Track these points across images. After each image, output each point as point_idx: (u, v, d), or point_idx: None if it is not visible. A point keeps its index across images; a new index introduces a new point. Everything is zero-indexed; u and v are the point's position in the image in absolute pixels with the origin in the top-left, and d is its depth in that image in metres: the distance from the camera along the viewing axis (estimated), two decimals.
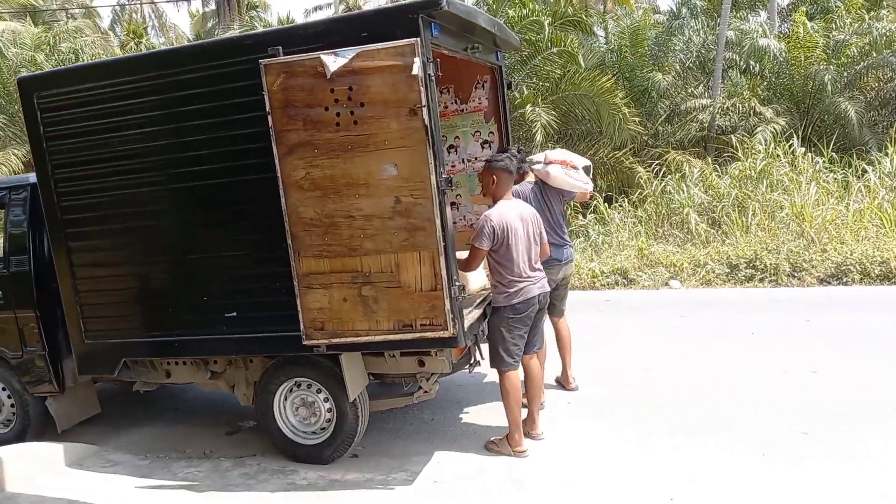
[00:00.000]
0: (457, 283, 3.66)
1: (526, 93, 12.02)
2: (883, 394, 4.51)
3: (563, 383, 5.13)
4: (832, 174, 10.40)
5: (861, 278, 7.50)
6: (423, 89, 3.43)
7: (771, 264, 7.87)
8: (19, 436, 4.77)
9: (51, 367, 4.54)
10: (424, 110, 3.45)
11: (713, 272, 8.15)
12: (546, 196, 4.73)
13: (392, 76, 3.46)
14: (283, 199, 3.68)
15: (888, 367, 4.98)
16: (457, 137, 5.32)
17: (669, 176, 11.31)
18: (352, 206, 3.62)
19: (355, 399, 4.07)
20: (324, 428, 4.21)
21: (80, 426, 4.92)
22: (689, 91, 15.48)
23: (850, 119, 11.46)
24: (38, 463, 4.17)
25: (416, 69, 3.42)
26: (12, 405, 4.80)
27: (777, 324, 6.32)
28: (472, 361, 4.57)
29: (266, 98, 3.58)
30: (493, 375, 4.34)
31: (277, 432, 4.27)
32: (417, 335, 3.69)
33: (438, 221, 3.54)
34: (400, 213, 3.58)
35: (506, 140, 5.15)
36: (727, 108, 14.09)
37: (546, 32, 12.45)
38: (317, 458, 4.20)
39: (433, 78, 3.53)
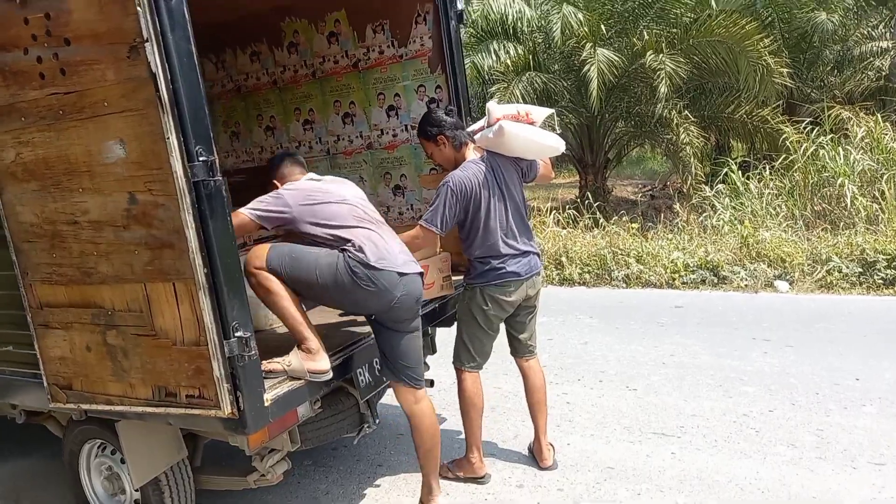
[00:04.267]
0: (239, 334, 2.24)
1: (647, 38, 9.88)
2: None
3: (536, 456, 3.51)
4: None
5: None
6: (144, 11, 2.01)
7: None
8: None
9: None
10: (149, 47, 2.03)
11: (837, 272, 5.87)
12: (503, 175, 3.09)
13: None
14: None
15: None
16: (396, 95, 3.79)
17: (823, 137, 8.69)
18: (75, 206, 2.31)
19: (160, 481, 2.82)
20: None
21: None
22: (865, 32, 12.29)
23: None
24: None
25: None
26: None
27: None
28: (362, 425, 3.16)
29: None
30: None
31: None
32: (183, 411, 2.35)
33: (192, 234, 2.13)
34: (137, 219, 2.22)
35: (456, 98, 3.55)
36: None
37: None
38: None
39: None
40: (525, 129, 3.01)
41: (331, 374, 2.62)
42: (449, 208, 2.97)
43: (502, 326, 3.33)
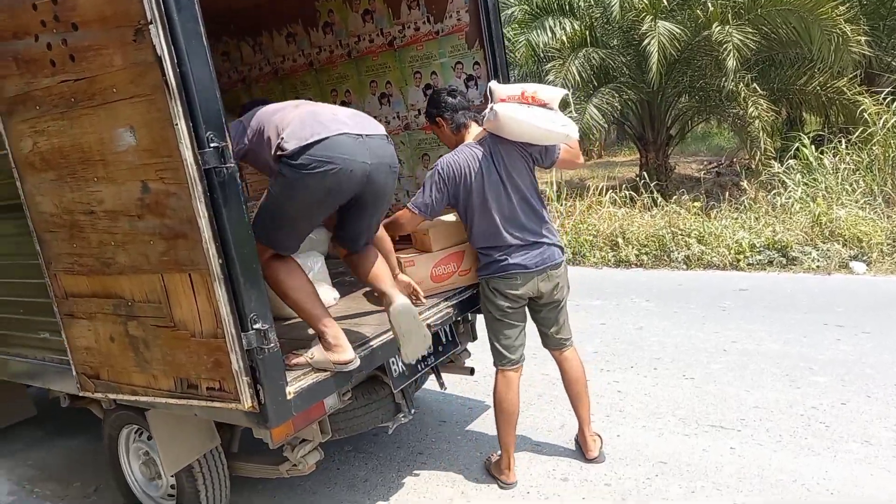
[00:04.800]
0: (257, 326, 2.15)
1: (711, 9, 9.35)
2: None
3: (581, 447, 3.34)
4: None
5: None
6: None
7: None
8: None
9: None
10: (154, 29, 1.93)
11: None
12: (503, 161, 2.89)
13: None
14: (19, 185, 2.45)
15: None
16: (433, 73, 3.63)
17: None
18: (91, 195, 2.26)
19: (194, 468, 2.80)
20: (171, 495, 3.02)
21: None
22: None
23: None
24: None
25: None
26: None
27: None
28: (397, 414, 3.06)
29: None
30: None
31: (126, 489, 3.17)
32: (205, 403, 2.29)
33: (205, 224, 2.04)
34: (150, 208, 2.15)
35: (495, 73, 3.36)
36: None
37: None
38: None
39: None
40: (524, 113, 2.75)
41: (357, 363, 2.48)
42: (436, 192, 2.87)
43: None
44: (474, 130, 2.98)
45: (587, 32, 10.39)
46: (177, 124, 1.98)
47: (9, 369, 3.23)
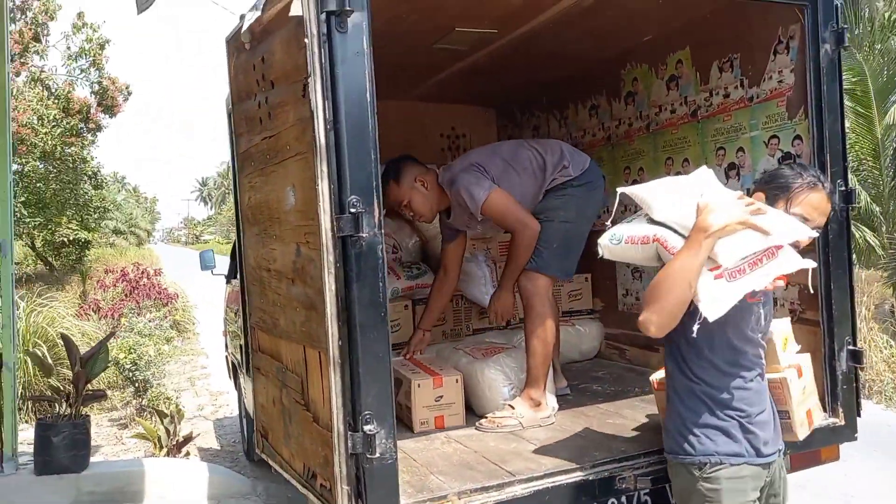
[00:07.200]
0: (368, 429, 1.78)
1: None
2: None
3: None
4: None
5: None
6: (311, 43, 1.78)
7: None
8: None
9: None
10: (311, 83, 1.79)
11: None
12: None
13: (286, 28, 1.94)
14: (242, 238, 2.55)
15: None
16: (740, 150, 2.81)
17: None
18: (271, 253, 2.23)
19: None
20: None
21: None
22: None
23: None
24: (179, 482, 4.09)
25: (297, 7, 1.81)
26: None
27: None
28: None
29: (230, 91, 2.53)
30: None
31: None
32: (318, 499, 2.00)
33: (330, 297, 1.79)
34: (298, 273, 2.00)
35: (820, 151, 2.42)
36: None
37: None
38: None
39: (345, 25, 1.78)
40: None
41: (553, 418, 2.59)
42: None
43: None
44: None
45: None
46: (321, 185, 1.78)
47: None
